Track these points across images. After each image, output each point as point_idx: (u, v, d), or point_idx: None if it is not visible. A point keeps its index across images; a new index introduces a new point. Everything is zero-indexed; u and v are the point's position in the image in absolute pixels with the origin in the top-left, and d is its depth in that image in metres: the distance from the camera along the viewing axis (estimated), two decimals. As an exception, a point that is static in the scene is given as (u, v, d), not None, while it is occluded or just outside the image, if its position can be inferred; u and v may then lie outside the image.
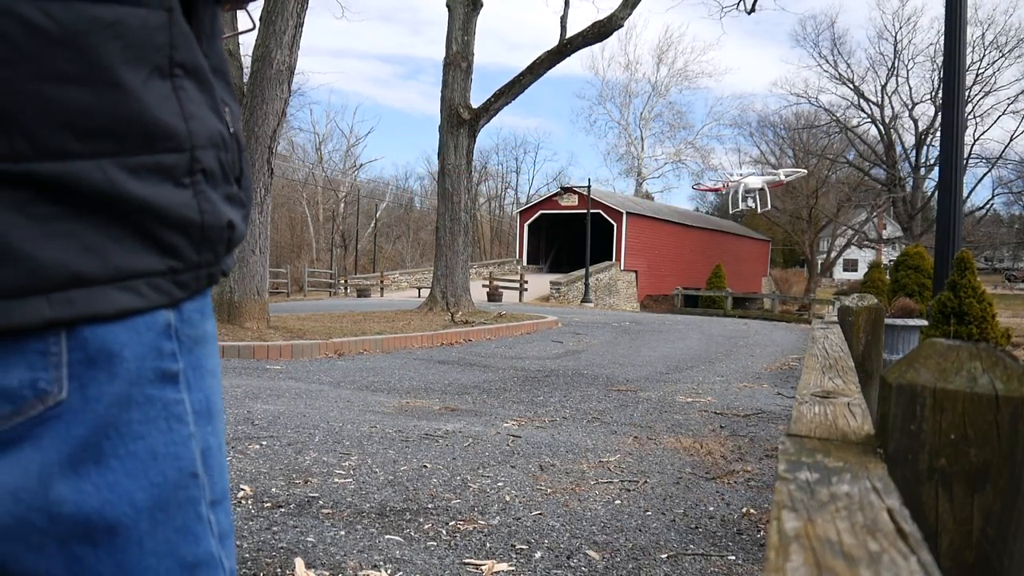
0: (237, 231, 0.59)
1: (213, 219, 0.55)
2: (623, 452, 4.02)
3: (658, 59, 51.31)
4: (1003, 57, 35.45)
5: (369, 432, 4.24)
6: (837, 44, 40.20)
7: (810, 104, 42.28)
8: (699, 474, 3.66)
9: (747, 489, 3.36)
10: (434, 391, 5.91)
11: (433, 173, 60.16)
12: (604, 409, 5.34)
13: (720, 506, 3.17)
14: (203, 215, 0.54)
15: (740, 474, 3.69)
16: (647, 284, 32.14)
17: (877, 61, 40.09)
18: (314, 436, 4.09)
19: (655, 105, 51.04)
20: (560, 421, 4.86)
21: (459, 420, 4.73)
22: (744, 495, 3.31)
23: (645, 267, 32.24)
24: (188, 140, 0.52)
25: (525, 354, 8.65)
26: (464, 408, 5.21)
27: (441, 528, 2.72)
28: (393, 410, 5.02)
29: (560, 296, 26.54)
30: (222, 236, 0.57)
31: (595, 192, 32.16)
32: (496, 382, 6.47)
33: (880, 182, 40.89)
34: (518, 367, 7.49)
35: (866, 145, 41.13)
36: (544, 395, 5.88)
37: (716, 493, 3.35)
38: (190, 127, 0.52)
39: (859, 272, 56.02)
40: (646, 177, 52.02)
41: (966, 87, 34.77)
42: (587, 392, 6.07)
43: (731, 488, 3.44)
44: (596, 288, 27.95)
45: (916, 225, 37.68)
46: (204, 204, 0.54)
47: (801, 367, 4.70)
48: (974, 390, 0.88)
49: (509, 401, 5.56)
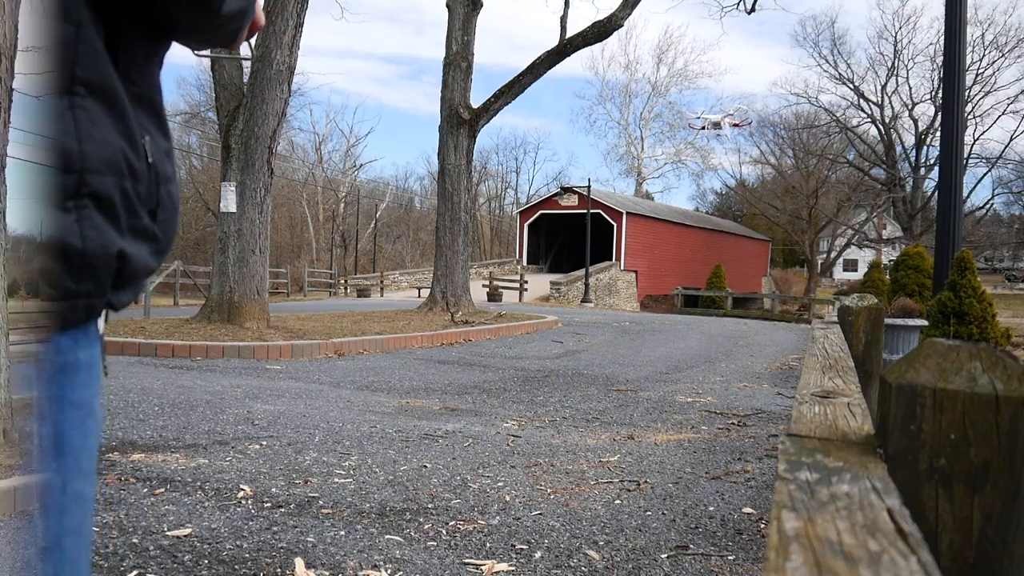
0: (133, 264, 0.55)
1: (97, 247, 0.51)
2: (623, 452, 4.02)
3: (658, 59, 51.65)
4: (1003, 57, 35.45)
5: (369, 432, 4.24)
6: (837, 44, 40.21)
7: (810, 104, 42.24)
8: (699, 473, 3.66)
9: (747, 488, 3.36)
10: (434, 391, 5.91)
11: (433, 173, 59.52)
12: (604, 409, 5.33)
13: (720, 505, 3.17)
14: (85, 241, 0.50)
15: (740, 474, 3.69)
16: (647, 284, 32.19)
17: (877, 61, 40.03)
18: (314, 436, 4.09)
19: (655, 105, 51.47)
20: (560, 421, 4.86)
21: (459, 420, 4.73)
22: (744, 494, 3.31)
23: (645, 267, 32.29)
24: (79, 162, 0.49)
25: (525, 354, 8.66)
26: (464, 408, 5.21)
27: (441, 528, 2.72)
28: (393, 410, 5.02)
29: (560, 296, 26.44)
30: (108, 266, 0.53)
31: (595, 192, 32.10)
32: (496, 382, 6.48)
33: (880, 182, 40.90)
34: (518, 367, 7.50)
35: (866, 145, 41.11)
36: (544, 395, 5.88)
37: (716, 493, 3.35)
38: (83, 148, 0.49)
39: (859, 272, 56.11)
40: (646, 177, 52.18)
41: (966, 87, 34.63)
42: (587, 392, 6.07)
43: (731, 487, 3.45)
44: (596, 288, 27.92)
45: (916, 225, 37.70)
46: (88, 231, 0.50)
47: (801, 367, 4.68)
48: (974, 390, 0.88)
49: (509, 401, 5.56)
